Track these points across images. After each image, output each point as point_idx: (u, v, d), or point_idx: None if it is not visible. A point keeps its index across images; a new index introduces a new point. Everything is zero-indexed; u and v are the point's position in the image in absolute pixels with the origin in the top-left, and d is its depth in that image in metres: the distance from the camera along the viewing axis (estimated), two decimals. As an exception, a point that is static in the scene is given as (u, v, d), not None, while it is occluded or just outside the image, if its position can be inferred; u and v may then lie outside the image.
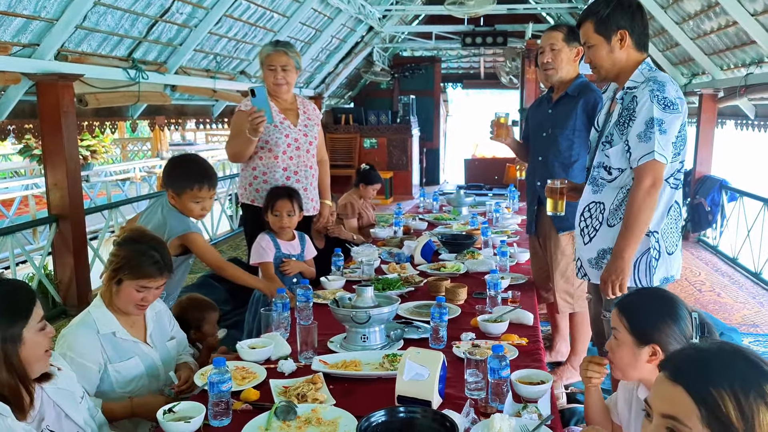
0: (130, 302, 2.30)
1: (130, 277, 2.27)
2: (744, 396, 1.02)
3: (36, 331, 1.72)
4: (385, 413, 1.75)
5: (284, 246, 3.54)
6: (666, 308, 1.84)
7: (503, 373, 2.00)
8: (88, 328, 2.25)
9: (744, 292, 5.80)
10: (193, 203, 2.95)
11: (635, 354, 1.83)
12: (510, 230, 4.90)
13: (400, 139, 11.29)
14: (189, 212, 2.98)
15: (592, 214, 2.65)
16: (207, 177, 2.98)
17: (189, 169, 3.02)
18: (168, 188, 2.97)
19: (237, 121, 3.67)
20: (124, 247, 2.33)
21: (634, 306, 1.88)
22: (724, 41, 5.97)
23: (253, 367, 2.29)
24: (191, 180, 2.93)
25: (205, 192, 2.96)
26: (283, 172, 3.72)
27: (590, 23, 2.56)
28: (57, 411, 1.81)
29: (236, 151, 3.64)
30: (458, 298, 3.13)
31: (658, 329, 1.81)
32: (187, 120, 7.29)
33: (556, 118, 3.52)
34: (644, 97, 2.42)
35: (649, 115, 2.40)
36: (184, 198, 2.94)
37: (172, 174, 3.01)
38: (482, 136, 14.90)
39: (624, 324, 1.85)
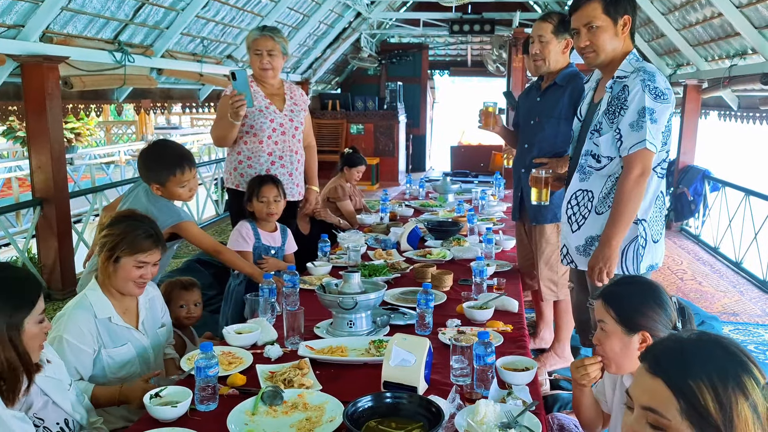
0: (129, 279, 2.30)
1: (127, 252, 2.28)
2: (722, 387, 1.04)
3: (36, 322, 1.72)
4: (372, 398, 1.77)
5: (265, 237, 3.48)
6: (650, 294, 1.85)
7: (488, 360, 2.02)
8: (86, 311, 2.25)
9: (725, 281, 5.88)
10: (179, 188, 2.91)
11: (625, 343, 1.82)
12: (496, 217, 4.93)
13: (387, 125, 11.26)
14: (178, 197, 2.95)
15: (579, 201, 2.67)
16: (185, 159, 2.93)
17: (165, 156, 2.94)
18: (150, 182, 2.90)
19: (222, 105, 3.65)
20: (116, 225, 2.34)
21: (618, 295, 1.87)
22: (709, 33, 6.01)
23: (240, 352, 2.30)
24: (171, 167, 2.87)
25: (188, 174, 2.91)
26: (267, 156, 3.72)
27: (598, 3, 2.50)
28: (44, 399, 1.82)
29: (219, 135, 3.63)
30: (444, 285, 3.15)
31: (645, 315, 1.81)
32: (173, 104, 7.22)
33: (543, 106, 3.53)
34: (636, 87, 2.44)
35: (641, 104, 2.42)
36: (169, 186, 2.89)
37: (150, 166, 2.93)
38: (469, 123, 14.89)
39: (611, 314, 1.84)
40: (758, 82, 5.15)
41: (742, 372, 1.06)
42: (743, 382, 1.05)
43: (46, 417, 1.81)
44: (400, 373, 1.96)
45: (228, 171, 3.80)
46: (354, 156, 5.39)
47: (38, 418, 1.78)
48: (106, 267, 2.30)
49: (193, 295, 3.06)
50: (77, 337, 2.18)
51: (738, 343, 1.12)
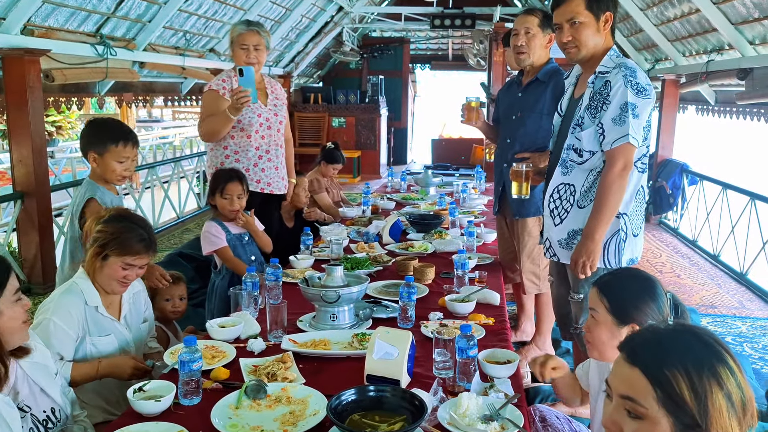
0: (113, 278, 2.30)
1: (117, 253, 2.27)
2: (697, 376, 1.06)
3: (11, 302, 1.71)
4: (355, 392, 1.79)
5: (233, 228, 3.46)
6: (645, 288, 1.85)
7: (471, 353, 2.04)
8: (76, 296, 2.25)
9: (703, 273, 5.97)
10: (116, 162, 2.80)
11: (614, 334, 1.83)
12: (477, 210, 4.96)
13: (369, 118, 11.28)
14: (111, 173, 2.82)
15: (561, 195, 2.70)
16: (130, 134, 2.86)
17: (111, 127, 2.89)
18: (90, 150, 2.82)
19: (209, 100, 3.64)
20: (111, 223, 2.33)
21: (614, 286, 1.88)
22: (687, 28, 6.08)
23: (223, 346, 2.31)
24: (115, 137, 2.79)
25: (129, 150, 2.82)
26: (255, 151, 3.74)
27: None
28: (31, 386, 1.81)
29: (213, 129, 3.61)
30: (426, 278, 3.17)
31: (638, 309, 1.82)
32: (155, 97, 7.17)
33: (525, 101, 3.56)
34: (618, 82, 2.47)
35: (624, 99, 2.45)
36: (106, 157, 2.79)
37: (94, 134, 2.86)
38: (450, 116, 14.89)
39: (604, 304, 1.85)
40: (734, 77, 5.23)
41: (717, 362, 1.08)
42: (718, 371, 1.07)
43: (33, 405, 1.80)
44: (383, 366, 1.97)
45: (213, 166, 3.77)
46: (334, 152, 5.42)
47: (26, 405, 1.78)
48: (94, 261, 2.29)
49: (179, 289, 3.06)
50: (65, 320, 2.18)
51: (713, 334, 1.15)
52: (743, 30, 5.04)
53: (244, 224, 3.47)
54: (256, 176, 3.79)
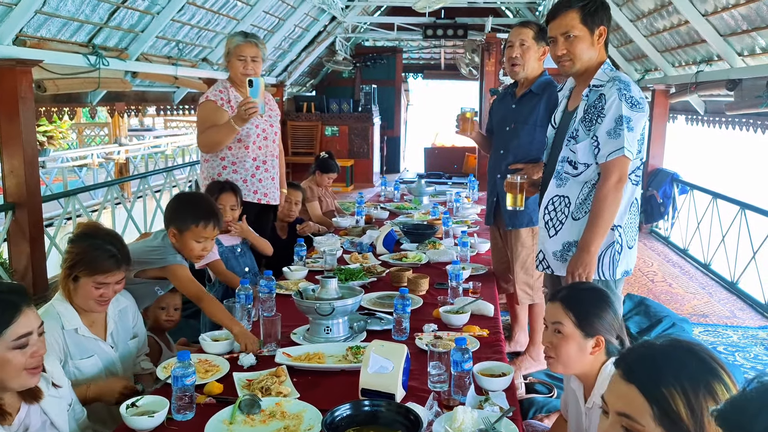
0: (89, 299, 2.25)
1: (86, 273, 2.22)
2: (693, 393, 1.07)
3: (8, 348, 1.63)
4: (350, 407, 1.79)
5: (225, 239, 3.44)
6: (605, 300, 1.92)
7: (466, 366, 2.04)
8: (53, 321, 2.21)
9: (694, 282, 6.00)
10: (195, 242, 2.79)
11: (581, 347, 1.87)
12: (470, 220, 4.98)
13: (362, 127, 11.29)
14: (189, 251, 2.80)
15: (556, 207, 2.70)
16: (213, 215, 2.82)
17: (195, 206, 2.86)
18: (170, 225, 2.81)
19: (208, 110, 3.63)
20: (78, 243, 2.28)
21: (578, 299, 1.92)
22: (676, 39, 6.12)
23: (216, 360, 2.30)
24: (197, 217, 2.77)
25: (210, 231, 2.80)
26: (252, 162, 3.74)
27: (576, 13, 2.54)
28: (43, 419, 1.79)
29: (216, 140, 3.61)
30: (420, 289, 3.18)
31: (601, 319, 1.88)
32: (148, 106, 7.16)
33: (519, 113, 3.57)
34: (612, 95, 2.49)
35: (618, 112, 2.47)
36: (186, 235, 2.77)
37: (177, 210, 2.84)
38: (442, 125, 14.89)
39: (571, 318, 1.88)
40: (723, 88, 5.27)
41: (713, 378, 1.10)
42: (714, 388, 1.08)
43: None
44: (378, 380, 1.97)
45: (210, 177, 3.74)
46: (328, 162, 5.43)
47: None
48: (66, 284, 2.26)
49: (175, 298, 3.04)
50: None
51: (709, 350, 1.16)
52: (732, 41, 5.08)
53: (240, 233, 3.47)
54: (253, 187, 3.79)
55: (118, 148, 12.71)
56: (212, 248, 2.95)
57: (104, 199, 6.93)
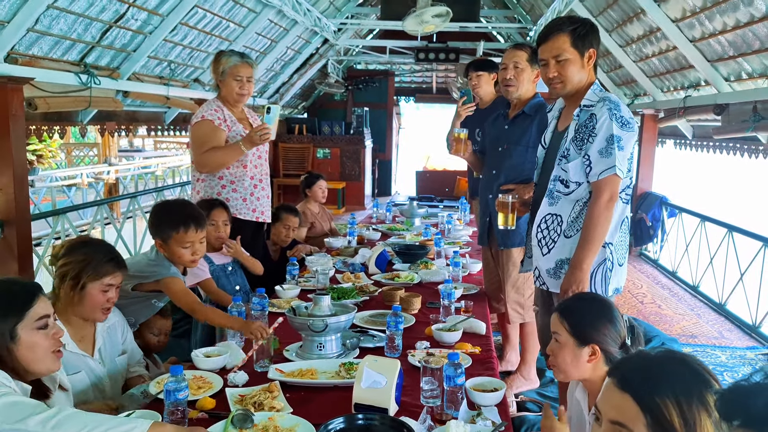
0: (97, 306, 2.27)
1: (93, 278, 2.25)
2: (687, 404, 1.09)
3: (32, 329, 1.71)
4: (344, 420, 1.78)
5: (216, 258, 3.44)
6: (602, 310, 1.97)
7: (458, 381, 2.05)
8: None
9: (683, 304, 6.03)
10: (181, 249, 2.78)
11: (576, 355, 1.94)
12: (462, 241, 4.99)
13: (353, 150, 11.33)
14: (179, 259, 2.80)
15: (548, 225, 2.73)
16: (193, 218, 2.81)
17: (172, 213, 2.86)
18: (155, 237, 2.82)
19: (206, 130, 3.61)
20: (75, 253, 2.29)
21: (573, 310, 2.00)
22: (665, 65, 6.22)
23: (209, 376, 2.29)
24: (176, 223, 2.76)
25: (192, 234, 2.78)
26: (250, 180, 3.74)
27: (567, 37, 2.59)
28: None
29: (222, 162, 3.61)
30: (412, 308, 3.18)
31: (596, 330, 1.93)
32: (138, 126, 7.16)
33: (512, 134, 3.61)
34: (603, 115, 2.52)
35: (609, 132, 2.51)
36: (171, 244, 2.77)
37: (156, 221, 2.84)
38: (433, 149, 14.91)
39: (565, 327, 1.96)
40: (711, 112, 5.35)
41: (706, 390, 1.11)
42: (706, 399, 1.10)
43: None
44: (371, 395, 1.97)
45: (208, 196, 3.67)
46: (308, 177, 5.50)
47: None
48: (71, 296, 2.25)
49: (166, 323, 3.04)
50: None
51: (702, 362, 1.18)
52: (719, 67, 5.17)
53: (234, 253, 3.47)
54: (252, 205, 3.78)
55: (107, 168, 12.68)
56: (203, 252, 2.93)
57: (93, 219, 6.91)
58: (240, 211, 3.70)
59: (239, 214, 3.70)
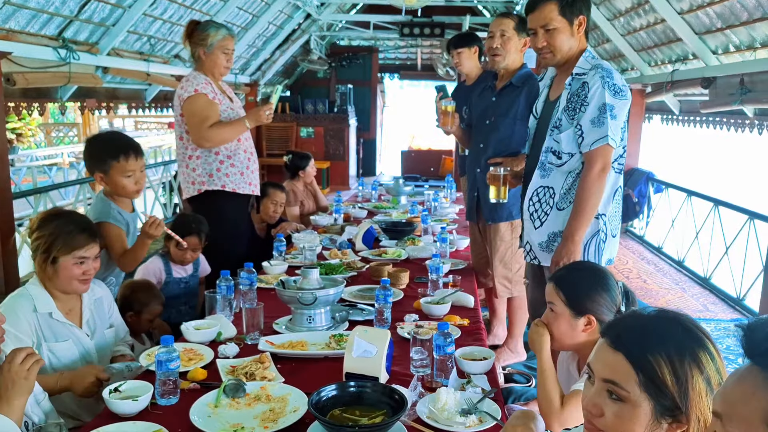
0: (73, 278, 2.23)
1: (64, 251, 2.20)
2: (679, 362, 1.10)
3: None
4: (336, 387, 1.78)
5: (177, 270, 3.41)
6: (598, 280, 1.96)
7: (448, 350, 2.05)
8: (25, 301, 2.18)
9: (668, 278, 6.09)
10: (123, 178, 2.74)
11: (572, 325, 1.93)
12: (449, 218, 4.98)
13: (337, 128, 11.23)
14: (123, 190, 2.76)
15: (540, 198, 2.70)
16: (131, 146, 2.78)
17: (110, 142, 2.83)
18: (94, 171, 2.75)
19: (205, 104, 3.51)
20: (46, 225, 2.25)
21: (568, 280, 1.98)
22: (653, 38, 6.21)
23: (200, 348, 2.27)
24: (116, 152, 2.71)
25: (133, 162, 2.74)
26: (244, 153, 3.67)
27: (554, 5, 2.55)
28: None
29: (228, 137, 3.54)
30: (400, 283, 3.17)
31: (592, 300, 1.92)
32: (119, 103, 7.04)
33: (499, 106, 3.57)
34: (596, 84, 2.49)
35: (602, 100, 2.47)
36: (113, 175, 2.72)
37: (94, 153, 2.79)
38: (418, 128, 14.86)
39: (561, 298, 1.95)
40: (698, 86, 5.35)
41: (698, 348, 1.12)
42: (699, 357, 1.11)
43: None
44: (362, 364, 1.97)
45: (206, 174, 3.58)
46: (299, 158, 5.41)
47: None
48: (45, 269, 2.21)
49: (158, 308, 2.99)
50: (14, 325, 2.08)
51: (695, 321, 1.18)
52: (706, 39, 5.16)
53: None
54: (248, 179, 3.70)
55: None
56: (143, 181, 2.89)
57: (75, 199, 6.81)
58: (239, 186, 3.63)
59: (239, 189, 3.63)
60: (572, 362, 2.09)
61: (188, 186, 3.63)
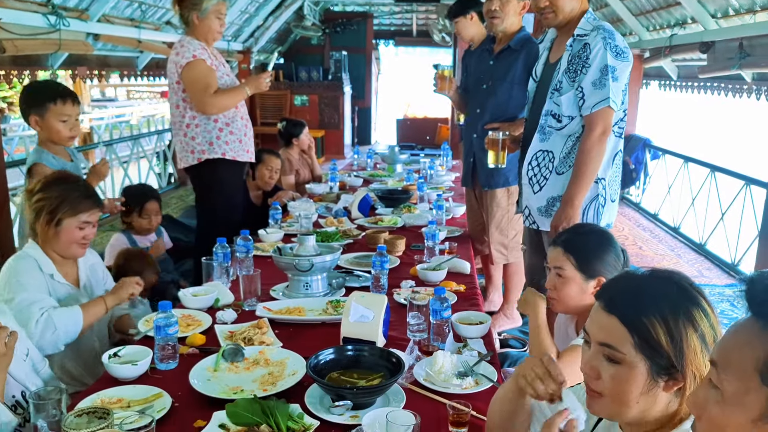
0: (72, 242, 2.25)
1: (69, 213, 2.22)
2: (673, 321, 1.10)
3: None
4: (334, 351, 1.79)
5: (141, 240, 3.54)
6: (604, 241, 1.96)
7: (445, 314, 2.07)
8: (29, 262, 2.20)
9: (664, 245, 6.11)
10: (59, 123, 2.76)
11: (583, 289, 1.93)
12: (445, 186, 4.96)
13: (332, 96, 11.11)
14: (57, 135, 2.78)
15: (540, 162, 2.68)
16: (69, 93, 2.81)
17: (47, 87, 2.86)
18: (30, 114, 2.76)
19: (205, 70, 3.46)
20: (52, 188, 2.26)
21: (578, 243, 1.96)
22: (651, 2, 6.14)
23: (198, 315, 2.28)
24: (52, 96, 2.73)
25: (70, 108, 2.77)
26: (241, 120, 3.63)
27: None
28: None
29: (230, 104, 3.52)
30: (397, 250, 3.17)
31: (602, 261, 1.92)
32: (111, 71, 6.95)
33: (497, 70, 3.53)
34: (597, 45, 2.45)
35: (604, 62, 2.44)
36: (49, 118, 2.74)
37: (31, 96, 2.80)
38: (414, 95, 14.67)
39: (571, 261, 1.93)
40: (697, 51, 5.31)
41: (692, 306, 1.12)
42: (693, 315, 1.11)
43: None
44: (359, 328, 1.98)
45: (206, 142, 3.53)
46: (292, 125, 5.38)
47: None
48: (47, 231, 2.23)
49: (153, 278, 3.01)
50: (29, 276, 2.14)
51: (688, 278, 1.18)
52: (706, 3, 5.10)
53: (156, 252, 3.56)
54: (245, 146, 3.67)
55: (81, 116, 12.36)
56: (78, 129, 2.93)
57: (69, 168, 6.75)
58: (238, 153, 3.60)
59: (238, 157, 3.60)
60: (570, 324, 2.10)
61: (186, 155, 3.57)
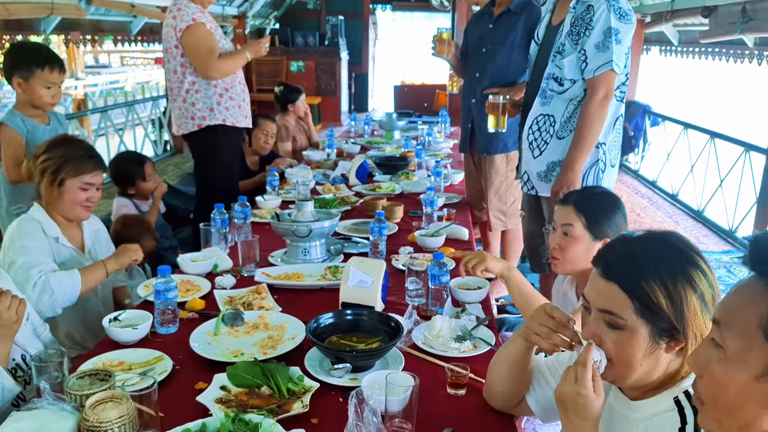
0: (76, 203, 2.25)
1: (72, 174, 2.22)
2: (672, 284, 1.10)
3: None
4: (333, 315, 1.80)
5: (142, 206, 3.59)
6: (615, 203, 1.97)
7: (443, 279, 2.07)
8: (33, 224, 2.20)
9: (662, 212, 6.12)
10: (43, 89, 2.73)
11: (589, 248, 1.93)
12: (443, 153, 4.95)
13: (329, 62, 10.98)
14: (38, 99, 2.75)
15: (540, 127, 2.66)
16: (58, 61, 2.77)
17: (37, 50, 2.81)
18: (15, 74, 2.71)
19: (206, 34, 3.40)
20: (56, 149, 2.27)
21: (588, 203, 1.97)
22: (653, -35, 6.06)
23: (197, 280, 2.28)
24: (41, 61, 2.69)
25: (56, 76, 2.75)
26: (239, 86, 3.59)
27: None
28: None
29: (232, 69, 3.49)
30: (395, 216, 3.16)
31: (611, 222, 1.93)
32: (104, 37, 6.85)
33: (496, 33, 3.49)
34: (601, 7, 2.42)
35: (607, 24, 2.41)
36: (33, 83, 2.70)
37: (19, 57, 2.75)
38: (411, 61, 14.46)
39: (581, 221, 1.93)
40: (698, 15, 5.25)
41: (690, 267, 1.12)
42: (691, 276, 1.11)
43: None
44: (358, 293, 1.99)
45: (207, 108, 3.48)
46: (289, 91, 5.32)
47: None
48: (51, 192, 2.23)
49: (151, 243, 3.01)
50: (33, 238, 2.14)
51: (684, 238, 1.18)
52: (708, -34, 5.04)
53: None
54: (244, 111, 3.63)
55: (75, 82, 12.25)
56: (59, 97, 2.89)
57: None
58: (237, 119, 3.56)
59: (237, 123, 3.57)
60: (570, 287, 2.11)
61: (186, 121, 3.52)
